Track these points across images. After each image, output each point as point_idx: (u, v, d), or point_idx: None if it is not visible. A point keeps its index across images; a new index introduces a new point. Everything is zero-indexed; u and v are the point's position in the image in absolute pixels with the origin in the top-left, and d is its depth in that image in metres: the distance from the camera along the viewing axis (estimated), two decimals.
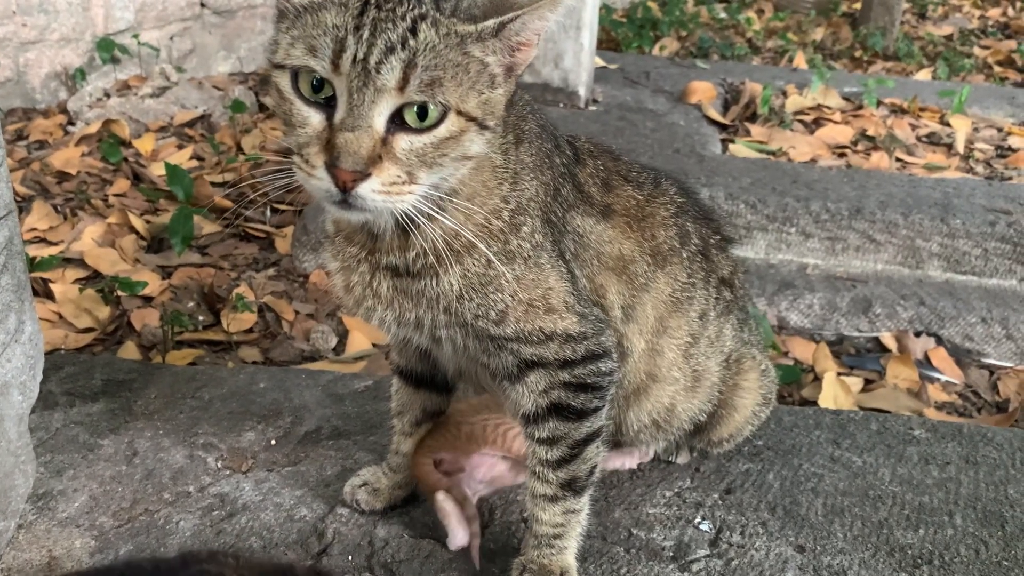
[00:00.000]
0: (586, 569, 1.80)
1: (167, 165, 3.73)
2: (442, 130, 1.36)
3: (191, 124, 4.90)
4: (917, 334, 3.42)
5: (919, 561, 1.85)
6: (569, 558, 1.75)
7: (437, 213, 1.43)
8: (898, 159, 4.59)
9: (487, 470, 1.92)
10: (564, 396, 1.65)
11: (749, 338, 2.07)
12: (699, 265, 1.89)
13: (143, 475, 2.09)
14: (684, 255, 1.86)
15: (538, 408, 1.67)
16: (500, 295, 1.56)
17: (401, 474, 1.96)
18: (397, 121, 1.34)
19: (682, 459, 2.12)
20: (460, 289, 1.55)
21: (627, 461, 2.10)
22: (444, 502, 1.83)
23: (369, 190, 1.33)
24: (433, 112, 1.34)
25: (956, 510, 2.00)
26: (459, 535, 1.84)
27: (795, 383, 3.19)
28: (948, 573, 1.82)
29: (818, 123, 4.88)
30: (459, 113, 1.36)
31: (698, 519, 1.95)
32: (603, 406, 1.69)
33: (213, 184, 4.17)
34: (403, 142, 1.34)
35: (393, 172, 1.34)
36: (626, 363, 1.82)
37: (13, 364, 1.83)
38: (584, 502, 1.75)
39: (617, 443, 1.98)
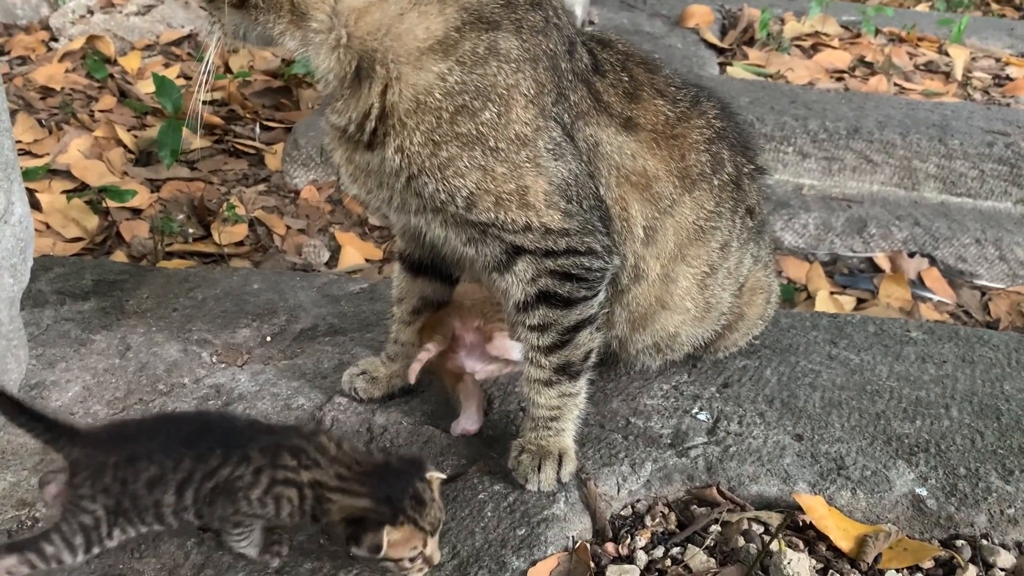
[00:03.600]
0: (584, 453, 1.80)
1: (155, 76, 3.65)
2: None
3: (177, 43, 4.79)
4: (911, 255, 3.42)
5: (915, 449, 1.86)
6: (567, 440, 1.75)
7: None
8: (896, 85, 4.55)
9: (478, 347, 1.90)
10: (551, 284, 1.64)
11: (760, 254, 2.06)
12: (729, 194, 1.86)
13: (136, 368, 2.07)
14: (715, 183, 1.82)
15: (527, 296, 1.66)
16: (462, 181, 1.53)
17: (399, 363, 1.94)
18: None
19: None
20: (404, 166, 1.53)
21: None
22: (473, 384, 1.84)
23: None
24: None
25: (952, 404, 2.01)
26: (473, 420, 1.84)
27: (788, 302, 3.19)
28: (944, 460, 1.83)
29: (816, 49, 4.82)
30: None
31: (695, 409, 1.95)
32: (592, 296, 1.67)
33: (203, 103, 4.09)
34: None
35: None
36: (639, 286, 1.80)
37: (3, 246, 1.80)
38: (580, 386, 1.75)
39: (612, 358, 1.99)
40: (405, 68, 1.49)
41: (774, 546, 1.61)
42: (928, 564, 1.66)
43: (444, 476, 1.51)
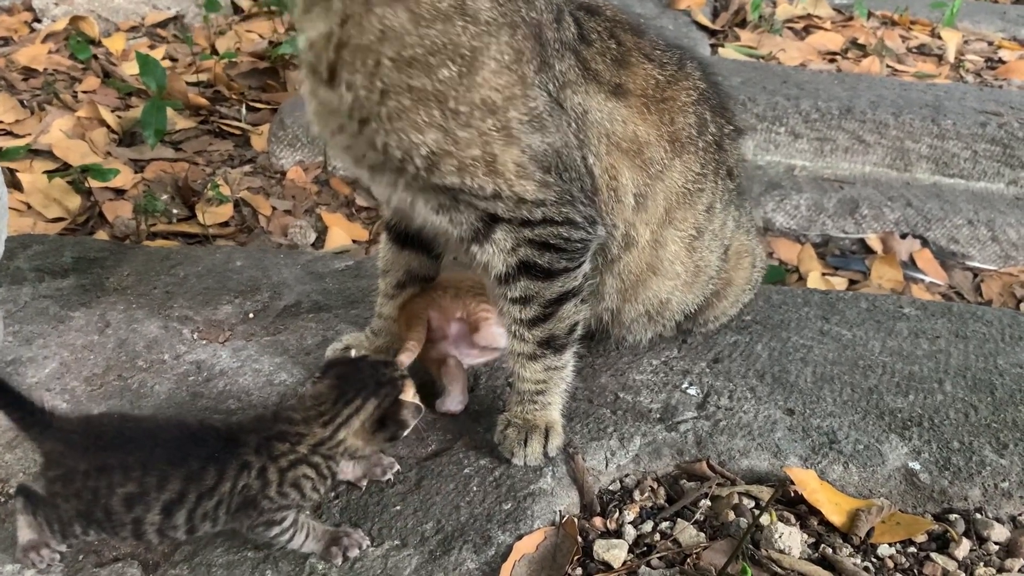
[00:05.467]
0: (572, 428, 1.77)
1: (138, 55, 3.59)
2: None
3: (163, 25, 4.73)
4: (903, 236, 3.39)
5: (908, 423, 1.83)
6: (554, 414, 1.72)
7: None
8: (888, 67, 4.51)
9: (463, 337, 1.88)
10: (530, 254, 1.60)
11: (741, 219, 2.03)
12: (712, 156, 1.83)
13: (116, 344, 2.03)
14: (700, 145, 1.79)
15: (508, 268, 1.62)
16: (420, 137, 1.46)
17: (383, 338, 1.91)
18: None
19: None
20: (355, 107, 1.46)
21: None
22: (456, 367, 1.80)
23: None
24: None
25: (946, 378, 1.98)
26: (458, 401, 1.80)
27: (780, 282, 3.16)
28: (938, 434, 1.80)
29: (808, 31, 4.79)
30: None
31: (685, 384, 1.92)
32: (574, 267, 1.63)
33: (188, 84, 4.03)
34: None
35: None
36: (629, 253, 1.77)
37: None
38: (566, 360, 1.71)
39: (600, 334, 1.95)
40: (357, 6, 1.42)
41: (764, 520, 1.58)
42: (921, 538, 1.63)
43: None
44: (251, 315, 2.16)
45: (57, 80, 3.99)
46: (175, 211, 3.19)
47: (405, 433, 1.45)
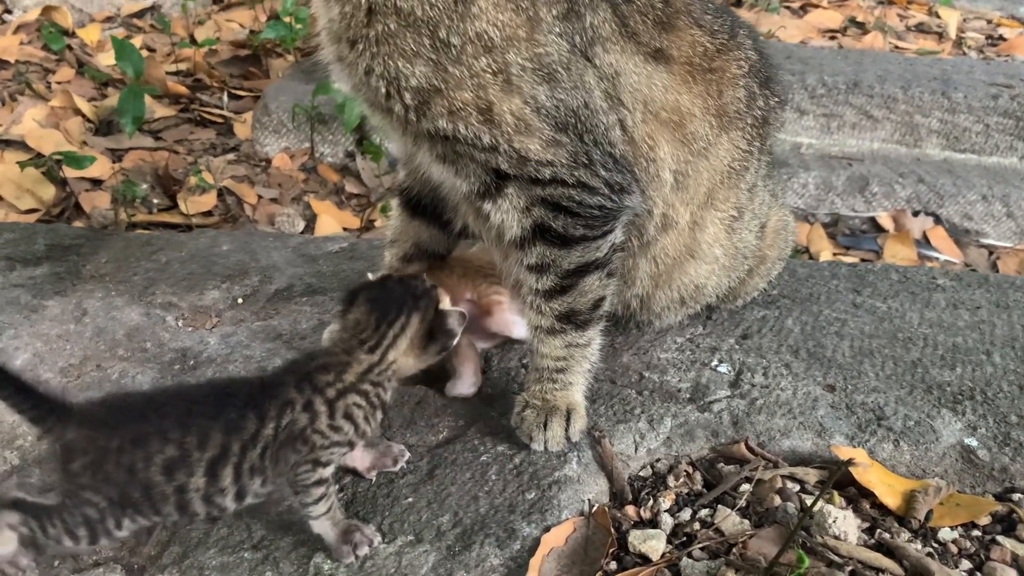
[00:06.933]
0: (596, 410, 1.62)
1: (114, 40, 3.42)
2: None
3: (139, 15, 4.56)
4: (915, 213, 3.27)
5: (960, 397, 1.69)
6: (576, 395, 1.57)
7: None
8: (890, 43, 4.40)
9: (473, 321, 1.73)
10: (545, 215, 1.44)
11: (777, 191, 1.90)
12: (758, 132, 1.67)
13: (93, 333, 1.86)
14: (748, 120, 1.64)
15: (523, 230, 1.47)
16: (408, 67, 1.32)
17: None
18: None
19: None
20: (344, 25, 1.34)
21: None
22: (468, 348, 1.66)
23: None
24: None
25: (993, 349, 1.84)
26: (470, 383, 1.65)
27: None
28: (993, 408, 1.66)
29: (805, 10, 4.67)
30: None
31: (715, 362, 1.78)
32: (594, 236, 1.48)
33: (168, 74, 3.86)
34: None
35: None
36: (667, 235, 1.61)
37: None
38: (590, 337, 1.56)
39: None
40: None
41: (819, 504, 1.43)
42: (984, 520, 1.49)
43: None
44: (240, 300, 2.00)
45: (30, 71, 3.81)
46: (156, 201, 3.02)
47: (454, 342, 1.38)
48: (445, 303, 1.38)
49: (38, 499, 1.28)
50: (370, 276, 1.44)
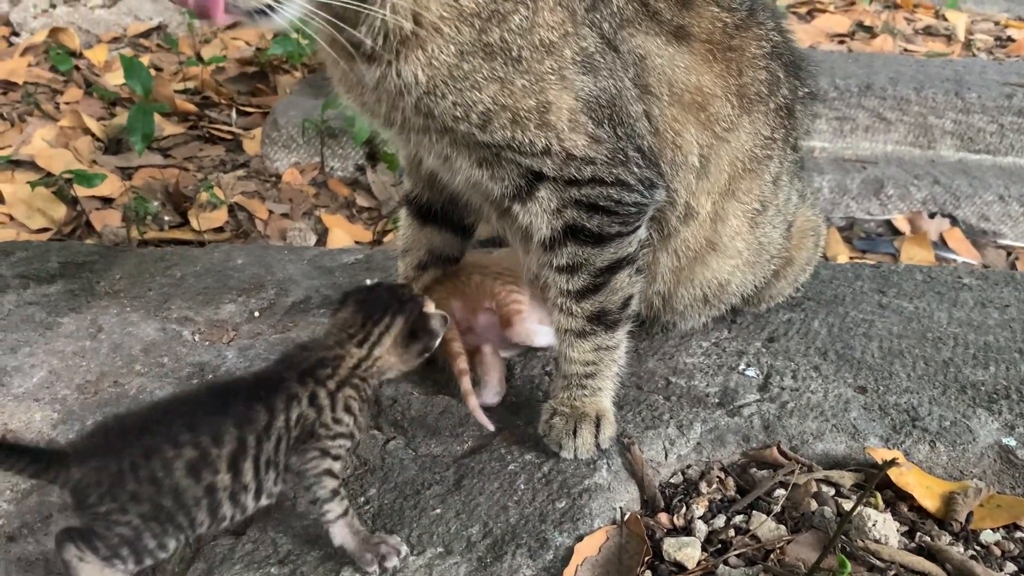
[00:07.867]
0: (624, 416, 1.59)
1: (123, 58, 3.41)
2: None
3: (146, 35, 4.56)
4: (931, 215, 3.23)
5: (995, 396, 1.65)
6: (605, 401, 1.53)
7: None
8: (900, 47, 4.39)
9: (493, 330, 1.70)
10: (578, 216, 1.42)
11: (807, 194, 1.87)
12: (782, 121, 1.64)
13: (109, 349, 1.84)
14: (771, 106, 1.60)
15: (554, 232, 1.44)
16: (479, 94, 1.32)
17: None
18: None
19: None
20: (428, 81, 1.31)
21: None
22: (492, 356, 1.63)
23: None
24: None
25: None
26: (494, 392, 1.62)
27: None
28: None
29: (811, 15, 4.65)
30: None
31: (742, 366, 1.74)
32: (628, 232, 1.46)
33: (176, 92, 3.86)
34: None
35: None
36: (688, 227, 1.59)
37: None
38: (619, 339, 1.53)
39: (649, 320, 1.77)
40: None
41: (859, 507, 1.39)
42: None
43: None
44: (256, 313, 1.98)
45: (38, 92, 3.81)
46: (166, 218, 3.00)
47: (436, 343, 1.41)
48: (430, 307, 1.42)
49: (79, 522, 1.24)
50: (368, 283, 1.47)
